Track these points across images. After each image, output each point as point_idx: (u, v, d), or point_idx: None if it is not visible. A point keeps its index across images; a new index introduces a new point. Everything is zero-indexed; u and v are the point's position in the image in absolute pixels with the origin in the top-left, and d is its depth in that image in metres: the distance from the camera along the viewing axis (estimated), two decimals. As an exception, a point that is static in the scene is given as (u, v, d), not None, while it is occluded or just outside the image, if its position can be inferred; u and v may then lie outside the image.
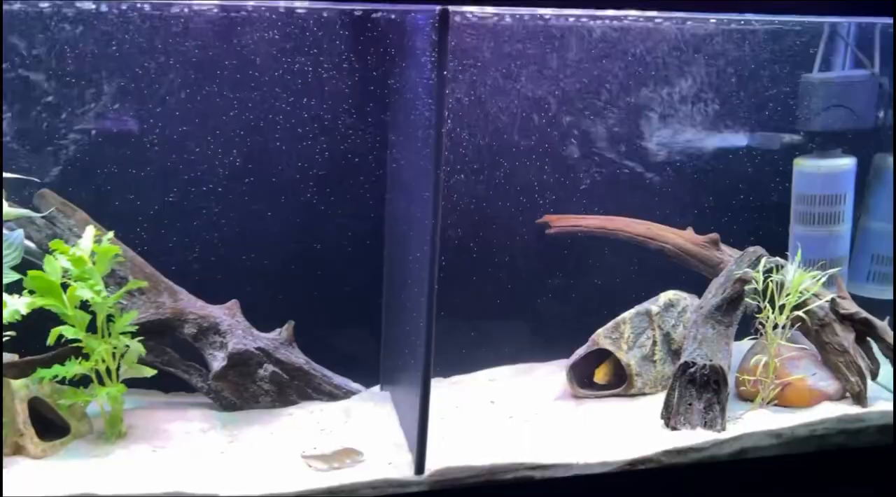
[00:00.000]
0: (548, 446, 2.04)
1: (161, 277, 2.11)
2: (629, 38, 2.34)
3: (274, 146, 2.25)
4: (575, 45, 2.34)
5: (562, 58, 2.33)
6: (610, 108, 2.38)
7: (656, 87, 2.39)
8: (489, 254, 2.42)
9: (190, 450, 1.98)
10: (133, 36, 2.10)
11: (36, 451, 1.87)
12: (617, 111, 2.39)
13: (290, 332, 2.23)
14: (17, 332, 1.83)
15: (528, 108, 2.36)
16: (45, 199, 2.04)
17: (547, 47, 2.31)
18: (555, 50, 2.32)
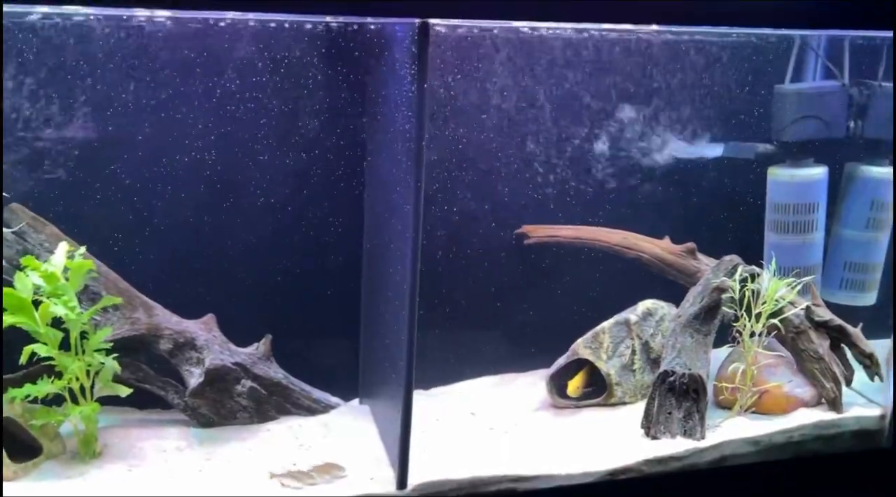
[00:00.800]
0: (529, 458, 2.04)
1: (135, 293, 2.07)
2: (604, 49, 2.36)
3: (249, 158, 2.21)
4: (551, 56, 2.35)
5: (538, 69, 2.34)
6: (585, 119, 2.39)
7: (631, 98, 2.41)
8: (467, 264, 2.41)
9: (167, 468, 1.94)
10: (106, 46, 2.05)
11: (7, 473, 1.82)
12: (592, 122, 2.41)
13: (268, 347, 2.20)
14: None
15: (506, 119, 2.36)
16: (16, 214, 1.99)
17: (521, 58, 2.32)
18: (530, 62, 2.33)
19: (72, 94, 2.06)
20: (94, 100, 2.08)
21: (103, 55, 2.06)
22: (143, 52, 2.09)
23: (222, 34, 2.12)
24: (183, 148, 2.17)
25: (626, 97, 2.41)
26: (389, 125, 1.98)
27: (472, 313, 2.45)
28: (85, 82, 2.06)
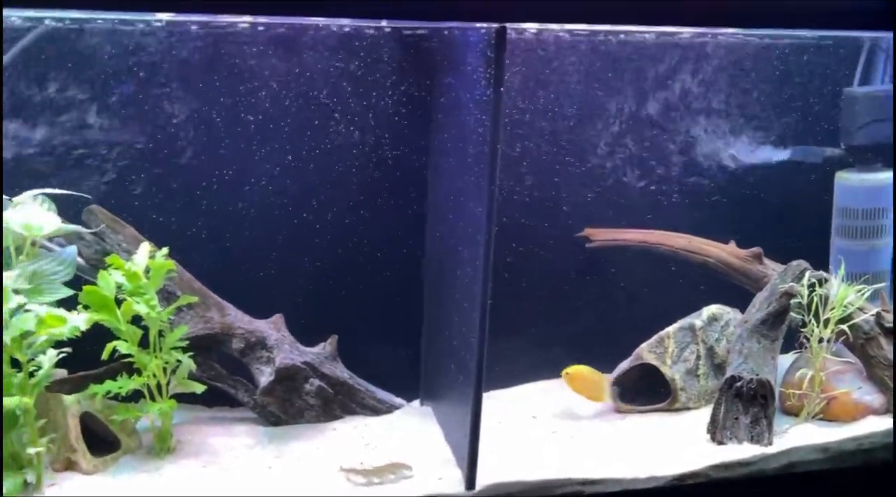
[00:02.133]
0: (595, 461, 2.04)
1: (209, 292, 2.12)
2: (671, 52, 2.36)
3: (315, 161, 2.26)
4: (618, 61, 2.35)
5: (605, 73, 2.35)
6: (650, 122, 2.39)
7: (696, 102, 2.41)
8: (527, 268, 2.42)
9: (238, 465, 1.98)
10: (182, 52, 2.12)
11: (88, 467, 1.88)
12: (660, 125, 2.41)
13: (334, 347, 2.24)
14: (66, 349, 1.83)
15: (571, 123, 2.37)
16: (95, 215, 2.05)
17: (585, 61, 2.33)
18: (600, 65, 2.34)
19: (139, 97, 2.12)
20: (162, 104, 2.14)
21: (170, 60, 2.12)
22: (210, 56, 2.14)
23: (286, 39, 2.17)
24: (251, 151, 2.22)
25: (691, 101, 2.40)
26: (458, 129, 2.01)
27: (531, 316, 2.45)
28: (153, 87, 2.12)
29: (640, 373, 2.31)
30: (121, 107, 2.11)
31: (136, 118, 2.12)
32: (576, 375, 2.31)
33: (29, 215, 1.86)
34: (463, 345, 1.98)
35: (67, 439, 1.87)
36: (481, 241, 1.80)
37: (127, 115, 2.12)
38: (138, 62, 2.09)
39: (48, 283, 1.89)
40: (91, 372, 2.00)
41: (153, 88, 2.12)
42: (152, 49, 2.10)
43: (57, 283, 1.91)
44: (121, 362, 1.96)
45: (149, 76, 2.11)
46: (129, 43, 2.09)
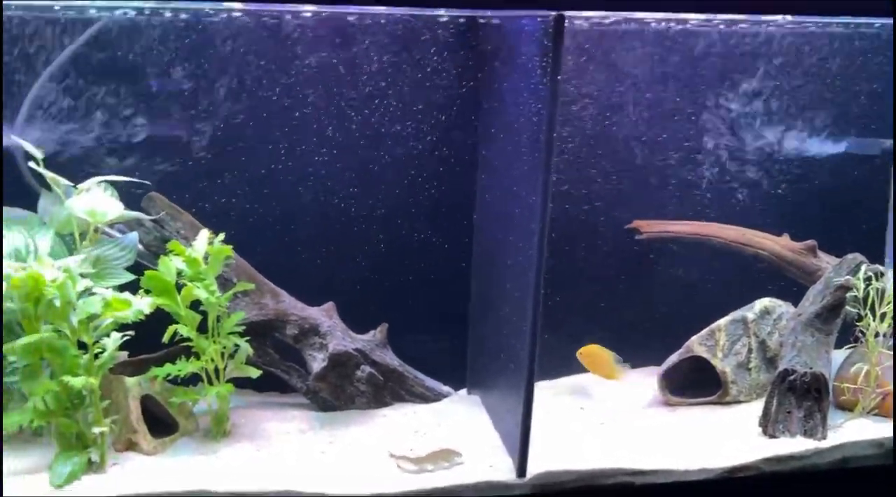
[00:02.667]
0: (644, 453, 2.03)
1: (263, 279, 2.15)
2: (729, 42, 2.34)
3: (364, 150, 2.28)
4: (676, 50, 2.33)
5: (660, 62, 2.33)
6: (706, 112, 2.37)
7: (756, 92, 2.38)
8: (575, 259, 2.42)
9: (292, 450, 2.02)
10: (233, 42, 2.15)
11: (148, 448, 1.93)
12: (714, 115, 2.39)
13: (384, 334, 2.26)
14: (129, 332, 1.87)
15: (623, 112, 2.36)
16: (154, 202, 2.10)
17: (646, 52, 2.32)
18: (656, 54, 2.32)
19: (194, 88, 2.16)
20: (216, 95, 2.17)
21: (232, 50, 2.15)
22: (260, 47, 2.16)
23: (339, 29, 2.18)
24: (303, 141, 2.24)
25: (748, 90, 2.38)
26: (511, 118, 2.01)
27: (579, 308, 2.45)
28: (215, 75, 2.16)
29: (689, 366, 2.30)
30: (177, 97, 2.15)
31: (192, 108, 2.16)
32: (588, 354, 2.36)
33: (93, 202, 1.91)
34: (513, 334, 1.99)
35: (128, 420, 1.93)
36: (535, 229, 1.80)
37: (183, 105, 2.16)
38: (193, 52, 2.13)
39: (111, 267, 1.95)
40: (151, 355, 2.05)
41: (207, 79, 2.15)
42: (205, 40, 2.13)
43: (119, 268, 1.96)
44: (180, 346, 2.01)
45: (202, 66, 2.15)
46: (182, 33, 2.13)
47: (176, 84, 2.13)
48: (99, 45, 2.06)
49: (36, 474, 1.82)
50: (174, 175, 2.18)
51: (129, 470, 1.86)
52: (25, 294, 1.65)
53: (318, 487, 1.82)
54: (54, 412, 1.79)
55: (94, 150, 2.12)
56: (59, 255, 1.91)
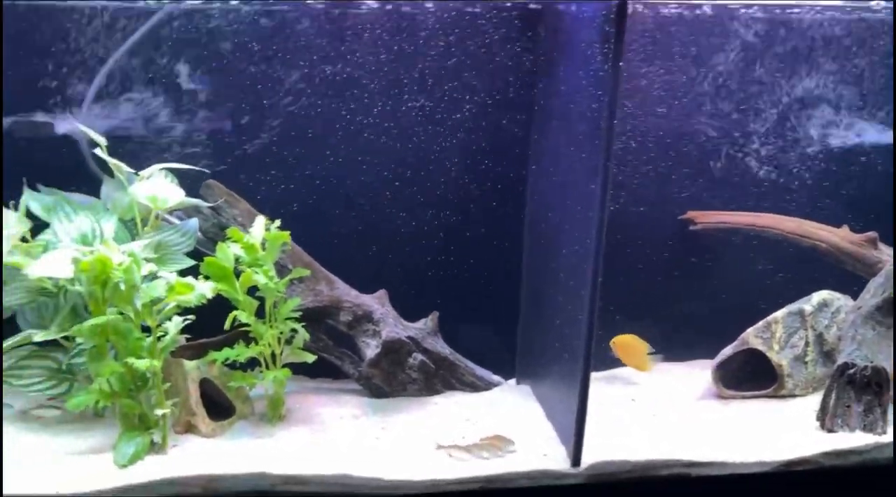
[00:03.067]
0: (699, 445, 2.01)
1: (318, 266, 2.18)
2: (787, 30, 2.30)
3: (417, 139, 2.28)
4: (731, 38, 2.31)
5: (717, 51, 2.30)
6: (764, 102, 2.33)
7: (812, 80, 2.33)
8: (630, 250, 2.40)
9: (346, 435, 2.04)
10: (290, 36, 2.17)
11: (206, 430, 1.96)
12: (772, 105, 2.35)
13: (435, 323, 2.27)
14: (190, 317, 1.90)
15: (680, 102, 2.33)
16: (212, 190, 2.13)
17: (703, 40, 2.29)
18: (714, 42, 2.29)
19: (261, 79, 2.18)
20: (276, 82, 2.19)
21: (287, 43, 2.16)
22: (314, 41, 2.17)
23: (393, 18, 2.20)
24: (356, 131, 2.25)
25: (806, 78, 2.33)
26: (569, 106, 2.00)
27: (632, 299, 2.43)
28: (273, 68, 2.17)
29: (743, 358, 2.27)
30: (234, 86, 2.18)
31: (248, 97, 2.19)
32: (622, 344, 2.37)
33: (155, 188, 1.95)
34: (568, 324, 1.98)
35: (188, 403, 1.96)
36: (594, 218, 1.79)
37: (239, 94, 2.18)
38: (251, 41, 2.15)
39: (171, 253, 1.99)
40: (210, 340, 2.09)
41: (263, 68, 2.17)
42: (265, 30, 2.15)
43: (179, 253, 2.00)
44: (237, 331, 2.04)
45: (258, 56, 2.17)
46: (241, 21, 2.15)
47: (233, 73, 2.16)
48: (160, 34, 2.10)
49: (100, 454, 1.86)
50: (229, 163, 2.21)
51: (188, 452, 1.89)
52: (93, 277, 1.69)
53: (374, 473, 1.84)
54: (118, 393, 1.83)
55: (153, 138, 2.15)
56: (122, 240, 1.95)
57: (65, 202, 1.89)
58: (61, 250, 1.80)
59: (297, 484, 1.82)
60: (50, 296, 1.92)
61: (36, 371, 1.94)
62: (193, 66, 2.12)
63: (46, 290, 1.90)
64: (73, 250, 1.77)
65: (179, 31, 2.10)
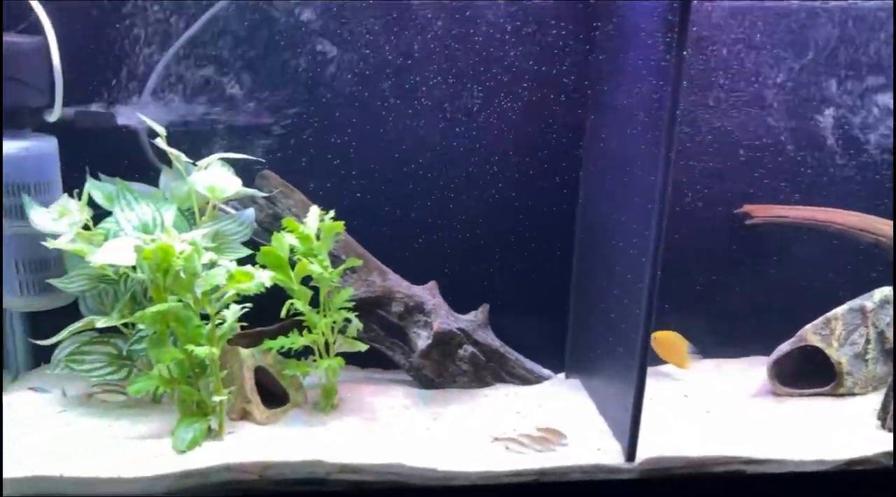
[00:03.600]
0: (754, 442, 1.98)
1: (370, 257, 2.18)
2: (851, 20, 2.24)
3: (469, 130, 2.27)
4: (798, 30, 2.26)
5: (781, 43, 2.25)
6: (823, 94, 2.27)
7: (878, 71, 2.27)
8: (685, 243, 2.35)
9: (397, 424, 2.05)
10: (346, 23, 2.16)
11: (261, 418, 1.99)
12: (831, 97, 2.29)
13: (485, 315, 2.26)
14: (247, 305, 1.90)
15: (741, 94, 2.27)
16: (267, 180, 2.15)
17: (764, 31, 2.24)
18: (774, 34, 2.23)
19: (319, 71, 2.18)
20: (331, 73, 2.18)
21: (340, 33, 2.16)
22: (369, 31, 2.17)
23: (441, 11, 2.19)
24: (408, 119, 2.24)
25: (871, 70, 2.27)
26: (626, 95, 1.97)
27: (681, 294, 2.38)
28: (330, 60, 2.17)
29: (800, 355, 2.23)
30: (290, 76, 2.18)
31: (303, 88, 2.19)
32: (662, 340, 2.33)
33: (214, 178, 1.97)
34: (624, 318, 1.96)
35: (243, 390, 1.98)
36: (653, 210, 1.77)
37: (294, 84, 2.18)
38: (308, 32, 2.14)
39: (228, 242, 2.01)
40: (265, 328, 2.11)
41: (319, 59, 2.17)
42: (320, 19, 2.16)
43: (236, 242, 2.02)
44: (291, 320, 2.05)
45: (315, 47, 2.16)
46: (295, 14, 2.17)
47: (289, 64, 2.16)
48: (220, 24, 2.12)
49: (158, 439, 1.89)
50: (283, 154, 2.22)
51: (244, 438, 1.91)
52: (156, 265, 1.72)
53: (427, 463, 1.85)
54: (177, 380, 1.86)
55: (209, 129, 2.17)
56: (180, 229, 1.97)
57: (126, 191, 1.92)
58: (123, 238, 1.83)
59: (351, 472, 1.84)
60: (110, 283, 1.96)
61: (97, 356, 1.98)
62: (250, 57, 2.14)
63: (107, 278, 1.94)
64: (135, 238, 1.80)
65: (238, 22, 2.12)
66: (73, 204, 1.94)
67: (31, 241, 1.96)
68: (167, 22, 2.10)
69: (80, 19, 2.07)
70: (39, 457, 1.80)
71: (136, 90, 2.11)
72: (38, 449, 1.84)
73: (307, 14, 2.14)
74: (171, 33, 2.10)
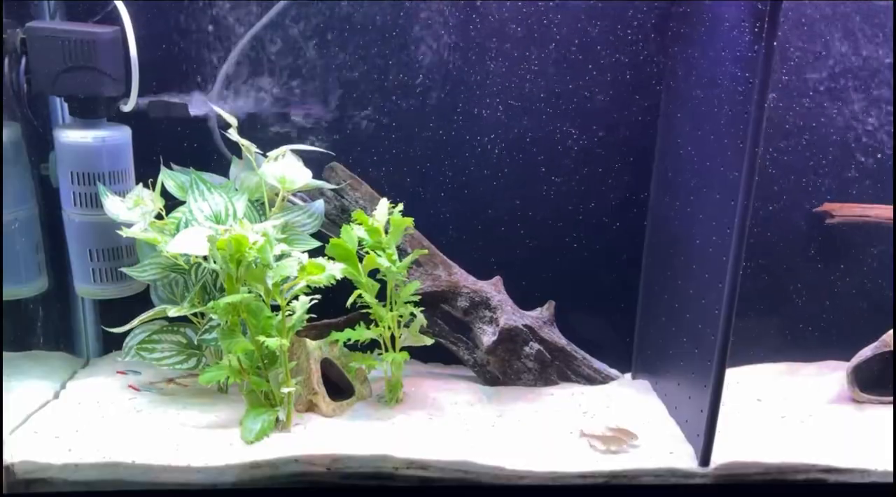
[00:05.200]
0: (835, 450, 1.91)
1: (436, 251, 2.16)
2: None
3: (539, 127, 2.22)
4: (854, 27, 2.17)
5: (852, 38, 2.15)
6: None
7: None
8: (761, 243, 2.27)
9: (462, 420, 2.02)
10: (399, 21, 2.13)
11: (327, 410, 1.98)
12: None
13: (551, 312, 2.22)
14: (316, 296, 1.89)
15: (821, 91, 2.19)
16: (335, 172, 2.14)
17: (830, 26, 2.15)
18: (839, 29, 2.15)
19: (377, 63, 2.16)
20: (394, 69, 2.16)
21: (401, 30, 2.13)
22: (430, 26, 2.13)
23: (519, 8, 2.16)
24: (476, 117, 2.21)
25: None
26: (706, 91, 1.89)
27: (759, 296, 2.31)
28: (389, 55, 2.15)
29: (882, 361, 2.13)
30: (352, 72, 2.16)
31: (366, 83, 2.17)
32: None
33: (284, 169, 1.97)
34: (701, 319, 1.89)
35: (310, 382, 1.98)
36: (736, 208, 1.71)
37: (357, 80, 2.16)
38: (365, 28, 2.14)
39: (298, 233, 2.01)
40: (332, 320, 2.11)
41: (379, 55, 2.15)
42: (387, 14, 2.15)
43: (305, 234, 2.02)
44: (358, 313, 2.05)
45: (373, 43, 2.15)
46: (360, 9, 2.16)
47: (351, 59, 2.15)
48: (286, 19, 2.11)
49: (227, 429, 1.90)
50: (349, 147, 2.20)
51: (311, 430, 1.91)
52: (229, 255, 1.72)
53: (495, 461, 1.82)
54: (247, 370, 1.86)
55: (278, 121, 2.17)
56: (250, 219, 1.97)
57: (199, 180, 1.93)
58: (196, 228, 1.84)
59: (418, 468, 1.82)
60: (181, 272, 1.98)
61: (167, 345, 2.00)
62: (320, 51, 2.13)
63: (178, 267, 1.96)
64: (208, 228, 1.81)
65: (307, 16, 2.11)
66: (147, 193, 1.96)
67: (105, 230, 1.98)
68: (240, 12, 2.11)
69: (155, 9, 2.08)
70: (112, 442, 1.82)
71: (209, 80, 2.13)
72: (109, 435, 1.86)
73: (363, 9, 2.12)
74: (244, 24, 2.11)
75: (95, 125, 1.99)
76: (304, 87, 2.15)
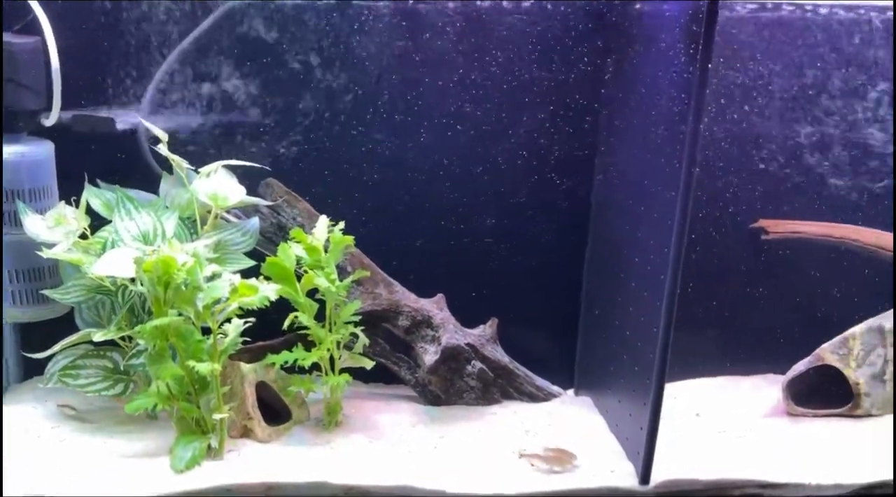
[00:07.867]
0: (771, 465, 1.93)
1: (377, 269, 2.11)
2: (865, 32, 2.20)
3: (477, 139, 2.19)
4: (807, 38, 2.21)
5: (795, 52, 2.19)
6: (842, 106, 2.23)
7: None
8: (696, 259, 2.23)
9: (404, 442, 1.98)
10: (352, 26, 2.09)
11: (263, 435, 1.92)
12: (853, 109, 2.25)
13: (494, 330, 2.20)
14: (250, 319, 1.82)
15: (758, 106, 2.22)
16: (271, 188, 2.07)
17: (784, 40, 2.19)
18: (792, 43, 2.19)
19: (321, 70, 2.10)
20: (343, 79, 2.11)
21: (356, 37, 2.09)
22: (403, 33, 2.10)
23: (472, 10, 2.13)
24: (420, 128, 2.16)
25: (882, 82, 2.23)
26: (643, 108, 1.91)
27: (698, 311, 2.31)
28: (341, 62, 2.10)
29: (816, 375, 2.18)
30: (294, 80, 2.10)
31: (307, 92, 2.11)
32: None
33: (217, 186, 1.90)
34: (639, 335, 1.90)
35: (244, 407, 1.91)
36: (673, 226, 1.71)
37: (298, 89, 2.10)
38: (315, 35, 2.08)
39: (231, 253, 1.94)
40: (268, 342, 2.04)
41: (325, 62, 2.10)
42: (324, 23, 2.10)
43: (239, 253, 1.95)
44: (295, 334, 1.98)
45: (321, 50, 2.09)
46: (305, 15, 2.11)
47: (295, 67, 2.09)
48: (223, 28, 2.05)
49: (155, 458, 1.82)
50: (286, 161, 2.14)
51: (246, 457, 1.84)
52: (157, 277, 1.65)
53: (437, 484, 1.79)
54: (176, 397, 1.79)
55: (210, 135, 2.10)
56: (181, 238, 1.90)
57: (126, 199, 1.85)
58: (123, 249, 1.76)
59: (358, 494, 1.77)
60: (107, 294, 1.89)
61: (92, 370, 1.91)
62: (253, 63, 2.07)
63: (104, 289, 1.87)
64: (135, 249, 1.73)
65: (242, 27, 2.06)
66: (70, 211, 1.87)
67: (26, 250, 1.88)
68: (170, 24, 2.04)
69: (79, 19, 1.99)
70: (35, 475, 1.72)
71: (137, 94, 2.05)
72: (32, 467, 1.76)
73: (314, 17, 2.07)
74: (174, 36, 2.03)
75: (15, 140, 1.89)
76: (238, 99, 2.08)
